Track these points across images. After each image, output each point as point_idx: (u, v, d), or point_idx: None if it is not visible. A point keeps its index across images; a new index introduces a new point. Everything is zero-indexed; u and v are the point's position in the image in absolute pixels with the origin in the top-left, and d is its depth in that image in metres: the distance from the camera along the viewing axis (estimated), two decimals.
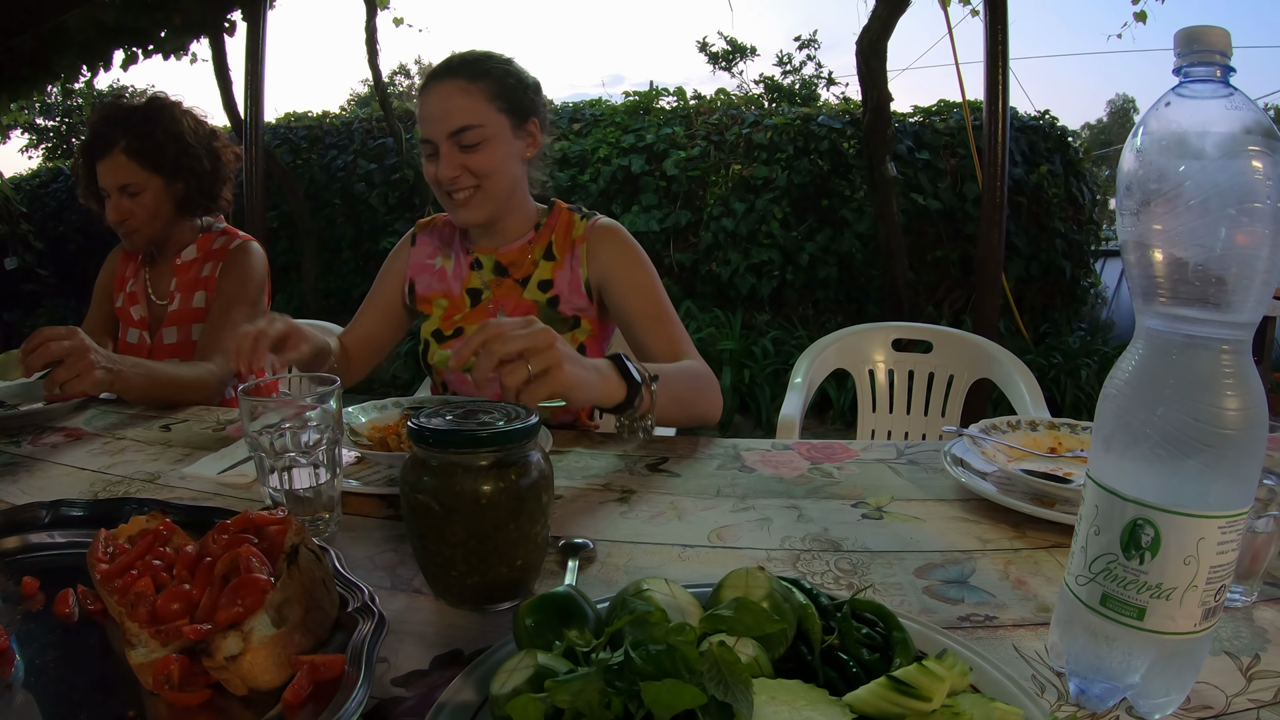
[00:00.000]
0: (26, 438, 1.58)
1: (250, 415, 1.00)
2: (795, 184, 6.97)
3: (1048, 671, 0.72)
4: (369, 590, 0.77)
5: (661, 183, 7.33)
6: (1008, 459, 1.20)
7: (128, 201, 2.14)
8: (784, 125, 7.23)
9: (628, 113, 7.97)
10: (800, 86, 17.54)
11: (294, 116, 9.44)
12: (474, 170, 1.67)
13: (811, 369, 2.36)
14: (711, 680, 0.50)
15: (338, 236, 8.39)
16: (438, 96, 1.68)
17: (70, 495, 1.12)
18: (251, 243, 2.30)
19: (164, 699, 0.66)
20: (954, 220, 6.78)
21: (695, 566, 0.96)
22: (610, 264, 1.75)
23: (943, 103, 7.39)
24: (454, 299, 1.87)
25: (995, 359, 2.25)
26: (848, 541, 1.01)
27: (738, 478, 1.26)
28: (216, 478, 1.31)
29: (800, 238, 6.95)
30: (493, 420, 0.81)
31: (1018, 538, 1.01)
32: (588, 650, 0.56)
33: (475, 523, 0.79)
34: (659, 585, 0.64)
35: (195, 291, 2.23)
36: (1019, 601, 0.85)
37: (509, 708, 0.52)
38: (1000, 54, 4.42)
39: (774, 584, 0.64)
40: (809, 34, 21.72)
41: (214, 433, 1.59)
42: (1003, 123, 4.43)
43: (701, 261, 7.19)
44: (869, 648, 0.63)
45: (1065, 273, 6.98)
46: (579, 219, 1.80)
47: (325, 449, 1.00)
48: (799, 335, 6.50)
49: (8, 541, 0.94)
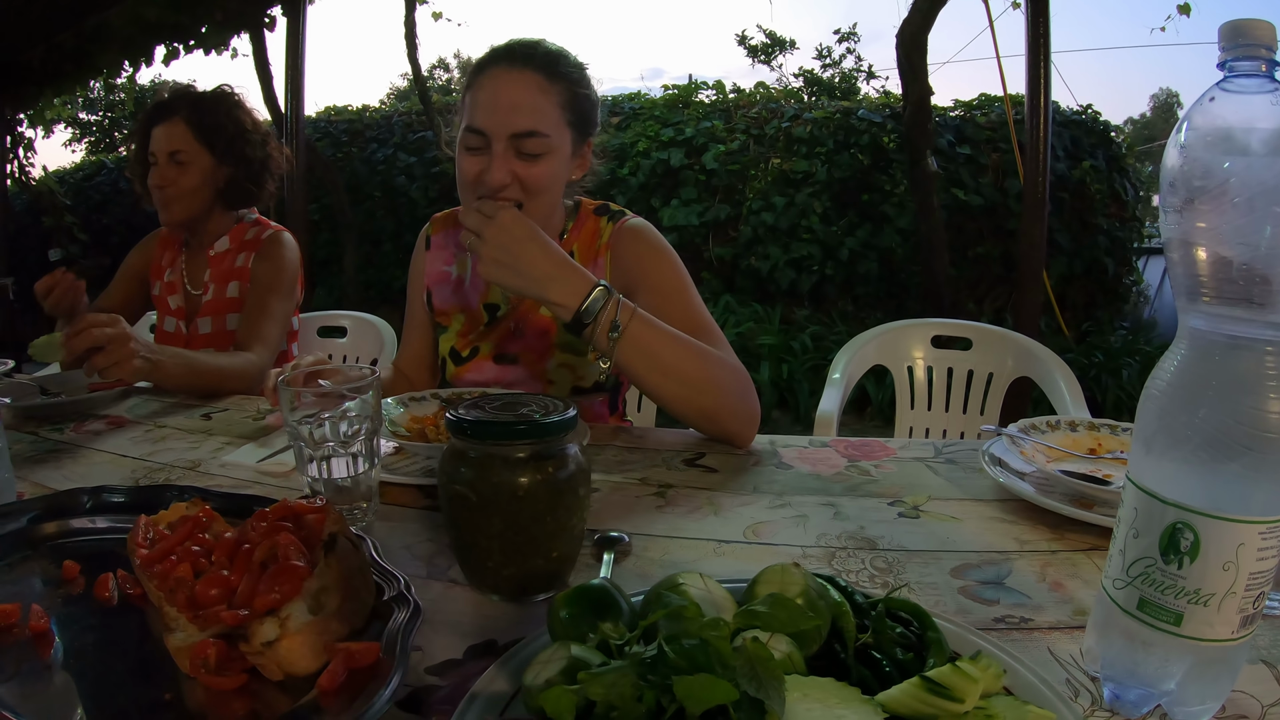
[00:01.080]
0: (69, 425, 1.61)
1: (290, 405, 1.01)
2: (835, 178, 6.93)
3: (1082, 676, 0.71)
4: (405, 579, 0.77)
5: (701, 176, 7.31)
6: (1047, 459, 1.18)
7: (174, 170, 2.17)
8: (824, 119, 7.19)
9: (667, 106, 7.95)
10: (840, 80, 17.42)
11: (334, 110, 9.54)
12: (525, 183, 1.47)
13: (850, 365, 2.34)
14: (744, 676, 0.50)
15: (378, 229, 8.45)
16: (510, 85, 1.45)
17: (112, 482, 1.13)
18: (284, 233, 2.33)
19: (200, 682, 0.67)
20: (995, 216, 6.70)
21: (731, 562, 0.96)
22: (637, 268, 1.61)
23: (984, 96, 7.31)
24: (471, 313, 1.75)
25: (1036, 357, 2.23)
26: (884, 540, 1.00)
27: (775, 474, 1.26)
28: (256, 466, 1.33)
29: (840, 233, 6.89)
30: (531, 413, 0.82)
31: (1055, 539, 1.00)
32: (621, 643, 0.56)
33: (512, 514, 0.79)
34: (694, 580, 0.64)
35: (229, 282, 2.26)
36: (1055, 604, 0.84)
37: (542, 699, 0.52)
38: (1042, 47, 4.34)
39: (809, 581, 0.63)
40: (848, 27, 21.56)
41: (254, 422, 1.61)
42: (1045, 117, 4.35)
43: (741, 256, 7.14)
44: (903, 647, 0.63)
45: (1108, 270, 6.88)
46: (605, 222, 1.66)
47: (364, 439, 1.02)
48: (838, 331, 6.45)
49: (49, 526, 0.96)
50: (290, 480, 1.26)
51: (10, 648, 0.71)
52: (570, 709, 0.51)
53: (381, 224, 8.46)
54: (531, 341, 1.69)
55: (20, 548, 0.90)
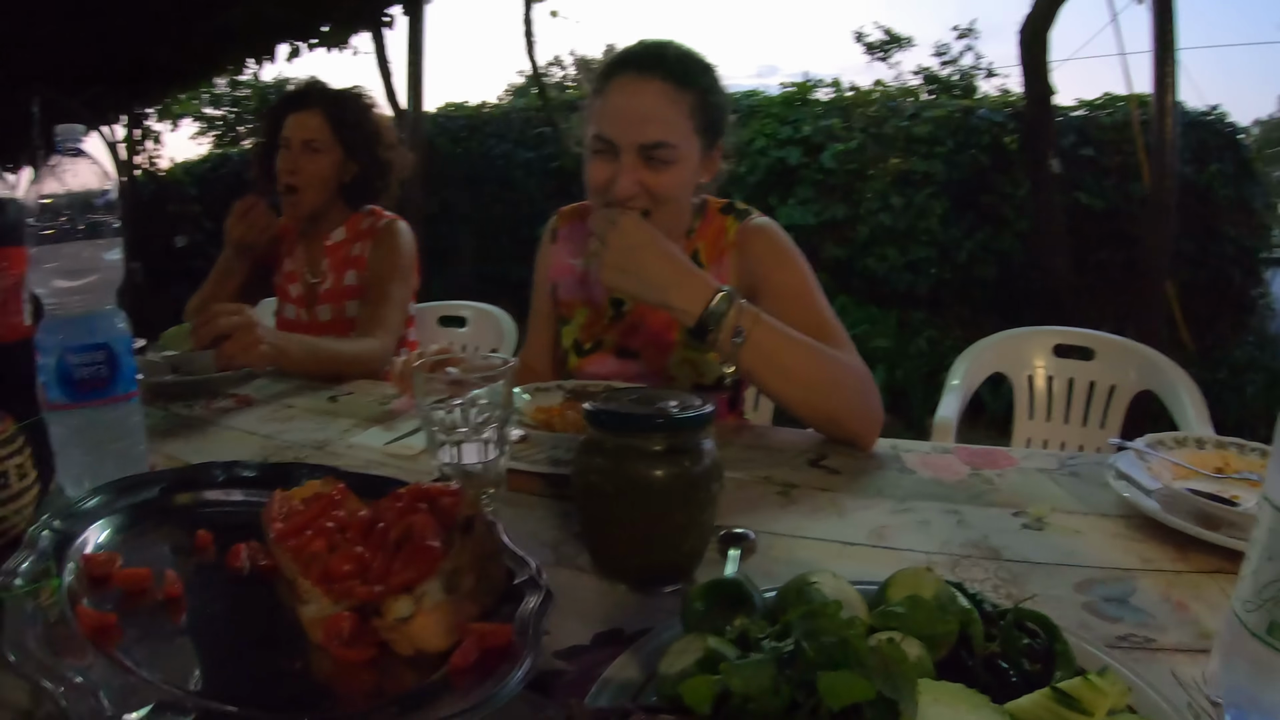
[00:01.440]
0: (200, 402, 1.69)
1: (424, 391, 1.05)
2: (954, 179, 6.74)
3: (1204, 701, 0.69)
4: (536, 564, 0.79)
5: (818, 175, 7.19)
6: (1173, 476, 1.15)
7: (305, 158, 2.27)
8: (943, 118, 7.01)
9: (784, 104, 7.83)
10: (959, 78, 17.02)
11: (453, 106, 9.70)
12: (653, 191, 1.48)
13: (970, 371, 2.31)
14: (879, 676, 0.51)
15: (495, 222, 8.58)
16: (638, 95, 1.47)
17: (240, 458, 1.18)
18: (399, 221, 2.40)
19: (331, 653, 0.69)
20: (1118, 221, 6.42)
21: (855, 564, 0.96)
22: (761, 268, 1.61)
23: (1108, 96, 7.02)
24: (596, 308, 1.78)
25: (1160, 370, 2.15)
26: (1008, 550, 0.99)
27: (898, 479, 1.26)
28: (383, 448, 1.38)
29: (959, 235, 6.71)
30: (668, 407, 0.83)
31: (1180, 559, 0.97)
32: (761, 637, 0.58)
33: (645, 507, 0.81)
34: (826, 578, 0.65)
35: (346, 270, 2.35)
36: (1179, 625, 0.82)
37: (682, 687, 0.53)
38: (1167, 44, 4.18)
39: (941, 586, 0.64)
40: (968, 23, 21.01)
41: (379, 405, 1.67)
42: (1170, 118, 4.19)
43: (857, 257, 7.01)
44: (1030, 658, 0.62)
45: (1233, 281, 6.55)
46: (731, 221, 1.67)
47: (495, 426, 1.05)
48: (954, 336, 6.29)
49: (184, 496, 0.98)
50: (417, 463, 1.31)
51: (143, 611, 0.73)
52: (709, 698, 0.52)
53: (499, 218, 8.58)
54: (654, 337, 1.71)
55: (154, 516, 0.92)
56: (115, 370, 1.09)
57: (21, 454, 0.94)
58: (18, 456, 0.93)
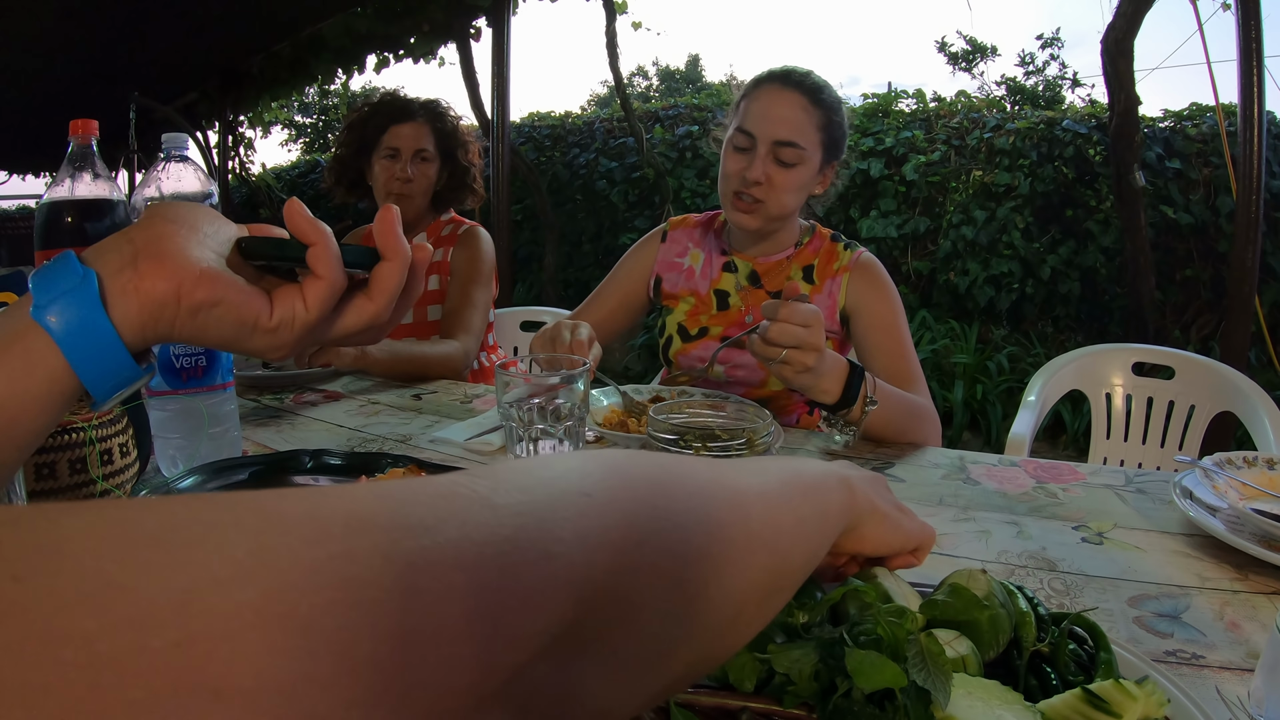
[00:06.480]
0: (288, 395, 1.78)
1: (504, 389, 1.11)
2: (1038, 192, 6.61)
3: (1245, 718, 0.70)
4: None
5: (900, 188, 7.16)
6: (1240, 496, 1.14)
7: (416, 167, 2.37)
8: (1027, 130, 6.87)
9: (866, 115, 7.80)
10: (1044, 88, 16.69)
11: (537, 116, 9.87)
12: (774, 183, 1.70)
13: (1046, 388, 2.30)
14: (915, 666, 0.53)
15: (578, 230, 8.71)
16: (780, 101, 1.70)
17: (327, 447, 1.24)
18: (478, 227, 2.48)
19: None
20: (1206, 236, 6.24)
21: (913, 570, 0.98)
22: (865, 297, 1.80)
23: (1195, 106, 6.79)
24: (701, 297, 1.94)
25: (1241, 391, 2.11)
26: (1064, 563, 1.01)
27: (961, 489, 1.28)
28: (464, 443, 1.44)
29: (1042, 250, 6.58)
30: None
31: (1239, 580, 0.97)
32: (808, 623, 0.60)
33: None
34: (884, 573, 0.67)
35: (429, 275, 2.41)
36: (1230, 644, 0.82)
37: (728, 664, 0.57)
38: (1255, 52, 4.00)
39: (994, 585, 0.65)
40: (1052, 32, 20.59)
41: (461, 404, 1.73)
42: (1259, 129, 4.02)
43: (939, 270, 6.95)
44: (1077, 664, 0.64)
45: None
46: (842, 249, 1.85)
47: (572, 425, 1.10)
48: (1035, 352, 6.21)
49: (272, 480, 1.05)
50: (496, 459, 1.36)
51: None
52: (753, 676, 0.56)
53: (581, 225, 8.71)
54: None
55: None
56: (213, 361, 1.18)
57: (125, 433, 1.02)
58: (121, 435, 1.01)
